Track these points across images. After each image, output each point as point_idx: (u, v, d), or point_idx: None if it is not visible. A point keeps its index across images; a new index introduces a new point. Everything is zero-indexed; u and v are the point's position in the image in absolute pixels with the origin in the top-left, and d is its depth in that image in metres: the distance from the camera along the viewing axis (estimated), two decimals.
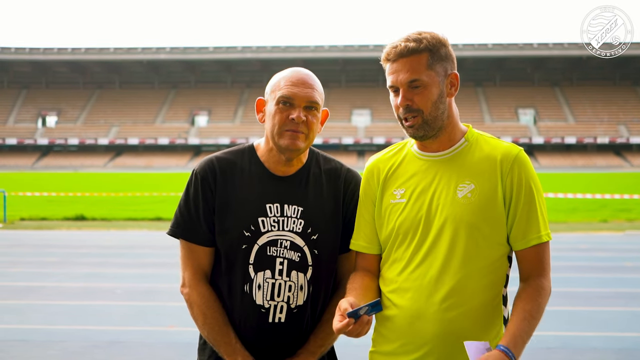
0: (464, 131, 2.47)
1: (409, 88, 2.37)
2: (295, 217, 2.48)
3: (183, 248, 2.52)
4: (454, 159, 2.42)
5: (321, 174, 2.57)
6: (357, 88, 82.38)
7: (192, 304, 2.47)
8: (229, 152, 2.57)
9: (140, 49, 79.38)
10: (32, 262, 12.64)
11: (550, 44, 75.57)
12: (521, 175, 2.37)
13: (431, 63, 2.37)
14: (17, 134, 79.41)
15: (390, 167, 2.50)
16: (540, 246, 2.38)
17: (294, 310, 2.46)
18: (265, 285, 2.44)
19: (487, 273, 2.37)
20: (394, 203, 2.44)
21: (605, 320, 7.94)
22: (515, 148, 2.42)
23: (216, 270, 2.51)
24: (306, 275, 2.48)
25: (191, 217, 2.49)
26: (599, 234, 17.78)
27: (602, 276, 10.92)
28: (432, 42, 2.37)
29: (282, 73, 2.53)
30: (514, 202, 2.37)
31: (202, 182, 2.49)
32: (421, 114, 2.37)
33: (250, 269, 2.44)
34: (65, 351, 6.72)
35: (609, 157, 72.81)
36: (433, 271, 2.35)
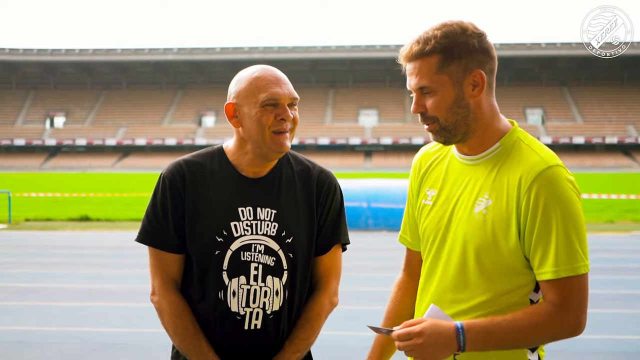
0: (502, 133, 2.18)
1: (420, 94, 2.15)
2: (268, 220, 2.41)
3: (152, 255, 2.44)
4: (482, 167, 2.17)
5: (294, 174, 2.49)
6: (364, 88, 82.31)
7: (162, 313, 2.40)
8: (198, 155, 2.48)
9: (148, 49, 79.56)
10: (34, 263, 12.62)
11: (558, 44, 75.38)
12: (539, 196, 2.03)
13: (442, 65, 2.10)
14: (26, 135, 79.69)
15: (431, 163, 2.33)
16: (560, 281, 2.03)
17: (270, 316, 2.40)
18: (240, 292, 2.36)
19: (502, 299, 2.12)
20: (424, 204, 2.30)
21: (608, 323, 7.86)
22: (543, 163, 2.07)
23: (187, 277, 2.42)
24: (281, 279, 2.41)
25: (160, 224, 2.40)
26: (605, 234, 17.66)
27: (606, 277, 10.82)
28: (443, 42, 2.09)
29: (252, 74, 2.41)
30: (529, 226, 2.06)
31: (170, 187, 2.40)
32: (437, 121, 2.14)
33: (224, 276, 2.36)
34: (62, 353, 6.69)
35: (618, 157, 72.57)
36: (445, 290, 2.20)
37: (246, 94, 2.38)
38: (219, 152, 2.49)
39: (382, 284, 9.93)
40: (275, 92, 2.36)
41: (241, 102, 2.40)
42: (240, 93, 2.40)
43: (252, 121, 2.37)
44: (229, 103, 2.43)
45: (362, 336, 7.06)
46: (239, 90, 2.41)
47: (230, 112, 2.43)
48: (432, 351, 2.03)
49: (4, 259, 13.24)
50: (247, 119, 2.38)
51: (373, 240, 16.24)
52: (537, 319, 2.04)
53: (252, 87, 2.38)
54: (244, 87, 2.40)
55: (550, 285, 2.04)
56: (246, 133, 2.39)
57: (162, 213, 2.41)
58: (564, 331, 2.06)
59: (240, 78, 2.43)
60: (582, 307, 2.06)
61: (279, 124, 2.36)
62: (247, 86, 2.39)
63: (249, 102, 2.37)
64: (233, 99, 2.42)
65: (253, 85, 2.38)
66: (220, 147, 2.52)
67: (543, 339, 2.06)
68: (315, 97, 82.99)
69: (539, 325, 2.03)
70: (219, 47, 79.19)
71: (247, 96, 2.38)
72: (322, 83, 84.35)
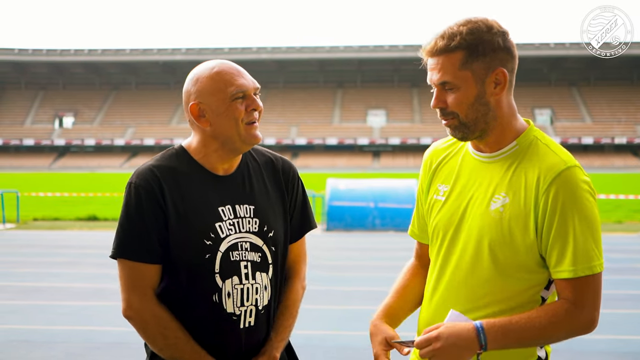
0: (518, 132, 2.19)
1: (441, 89, 2.15)
2: (249, 217, 2.40)
3: (127, 269, 2.33)
4: (500, 165, 2.18)
5: (259, 167, 2.50)
6: (373, 88, 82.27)
7: (146, 327, 2.32)
8: (163, 159, 2.40)
9: (156, 50, 79.74)
10: (41, 263, 12.67)
11: (567, 44, 75.16)
12: (557, 197, 2.06)
13: (466, 62, 2.10)
14: (35, 135, 79.97)
15: (442, 158, 2.34)
16: (576, 281, 2.07)
17: (262, 311, 2.41)
18: (235, 292, 2.35)
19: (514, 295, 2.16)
20: (435, 199, 2.31)
21: (612, 323, 7.82)
22: (562, 164, 2.09)
23: (172, 285, 2.35)
24: (268, 274, 2.42)
25: (139, 235, 2.31)
26: (613, 234, 17.61)
27: (613, 278, 10.77)
28: (469, 38, 2.09)
29: (211, 69, 2.35)
30: (547, 225, 2.08)
31: (147, 196, 2.31)
32: (457, 117, 2.15)
33: (217, 278, 2.33)
34: (66, 352, 6.71)
35: (627, 157, 72.32)
36: (457, 288, 2.22)
37: (211, 91, 2.33)
38: (183, 152, 2.42)
39: (388, 284, 9.92)
40: (242, 84, 2.34)
41: (206, 100, 2.34)
42: (204, 91, 2.34)
43: (223, 117, 2.33)
44: (193, 104, 2.36)
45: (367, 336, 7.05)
46: (201, 88, 2.35)
47: (196, 113, 2.36)
48: (453, 353, 2.06)
49: (11, 258, 13.30)
50: (216, 115, 2.34)
51: (380, 240, 16.24)
52: (555, 316, 2.07)
53: (216, 83, 2.33)
54: (207, 84, 2.34)
55: (567, 283, 2.08)
56: (217, 130, 2.34)
57: (141, 224, 2.31)
58: (579, 328, 2.10)
59: (198, 77, 2.37)
60: (596, 305, 2.11)
61: (250, 115, 2.35)
62: (210, 83, 2.34)
63: (217, 99, 2.33)
64: (195, 99, 2.36)
65: (217, 81, 2.33)
66: (180, 147, 2.44)
67: (559, 336, 2.10)
68: (323, 97, 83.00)
69: (556, 323, 2.07)
70: (228, 47, 79.35)
71: (213, 93, 2.33)
72: (330, 83, 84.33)
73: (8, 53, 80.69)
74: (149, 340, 2.34)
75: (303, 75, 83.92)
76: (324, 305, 8.72)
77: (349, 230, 18.43)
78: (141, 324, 2.33)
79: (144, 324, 2.32)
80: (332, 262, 12.82)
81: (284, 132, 77.79)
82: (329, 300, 9.07)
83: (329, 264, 12.45)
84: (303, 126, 78.65)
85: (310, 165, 71.02)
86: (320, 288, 10.08)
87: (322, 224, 19.62)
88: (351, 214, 18.59)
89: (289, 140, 76.33)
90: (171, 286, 2.35)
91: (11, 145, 79.21)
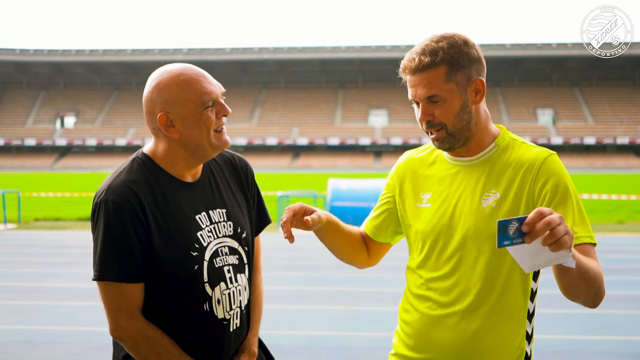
0: (495, 135, 2.37)
1: (428, 103, 2.27)
2: (223, 221, 2.40)
3: (114, 291, 2.25)
4: (482, 165, 2.33)
5: (221, 168, 2.50)
6: (374, 89, 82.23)
7: (138, 347, 2.27)
8: (133, 172, 2.31)
9: (158, 50, 79.70)
10: (42, 263, 12.67)
11: (569, 44, 75.06)
12: (550, 179, 2.22)
13: (449, 75, 2.24)
14: (36, 135, 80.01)
15: (419, 168, 2.46)
16: (586, 247, 2.17)
17: (244, 311, 2.46)
18: (224, 298, 2.36)
19: (511, 286, 2.27)
20: (420, 207, 2.40)
21: (614, 324, 7.82)
22: (544, 152, 2.28)
23: (160, 299, 2.31)
24: (245, 274, 2.46)
25: (124, 256, 2.23)
26: (614, 235, 17.59)
27: (614, 278, 10.75)
28: (450, 52, 2.24)
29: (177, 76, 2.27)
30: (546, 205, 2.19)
31: (129, 214, 2.22)
32: (445, 127, 2.28)
33: (206, 287, 2.32)
34: (67, 352, 6.71)
35: (629, 157, 72.23)
36: (454, 282, 2.31)
37: (180, 100, 2.26)
38: (149, 162, 2.34)
39: (388, 284, 9.92)
40: (212, 91, 2.29)
41: (175, 110, 2.27)
42: (172, 101, 2.27)
43: (194, 126, 2.27)
44: (161, 114, 2.27)
45: (367, 336, 7.05)
46: (168, 98, 2.27)
47: (164, 122, 2.28)
48: (569, 237, 1.85)
49: (12, 258, 13.30)
50: (186, 125, 2.27)
51: None
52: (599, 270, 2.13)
53: (185, 92, 2.26)
54: (174, 93, 2.26)
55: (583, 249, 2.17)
56: (187, 139, 2.29)
57: (125, 244, 2.23)
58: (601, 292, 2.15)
59: (163, 85, 2.28)
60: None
61: (219, 122, 2.33)
62: (178, 92, 2.26)
63: (188, 109, 2.26)
64: (162, 109, 2.27)
65: (186, 90, 2.26)
66: (145, 156, 2.36)
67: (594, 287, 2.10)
68: (325, 97, 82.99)
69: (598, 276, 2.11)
70: (229, 47, 79.29)
71: (183, 103, 2.26)
72: (332, 83, 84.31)
73: (9, 53, 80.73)
74: (142, 358, 2.29)
75: (305, 75, 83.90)
76: (326, 306, 8.72)
77: None
78: (132, 345, 2.28)
79: (135, 344, 2.28)
80: (333, 262, 12.81)
81: (285, 132, 77.78)
82: (331, 301, 9.07)
83: (330, 264, 12.45)
84: (305, 126, 78.63)
85: (312, 165, 71.00)
86: (322, 289, 10.08)
87: None
88: (353, 214, 18.55)
89: (290, 140, 76.31)
90: (161, 301, 2.31)
91: (12, 145, 79.24)
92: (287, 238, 2.28)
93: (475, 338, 2.27)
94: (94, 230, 2.30)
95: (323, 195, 21.18)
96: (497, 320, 2.26)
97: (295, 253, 13.75)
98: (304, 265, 12.34)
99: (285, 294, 9.49)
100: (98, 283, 2.29)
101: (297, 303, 8.96)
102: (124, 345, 2.31)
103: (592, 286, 2.09)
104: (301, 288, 10.06)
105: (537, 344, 6.85)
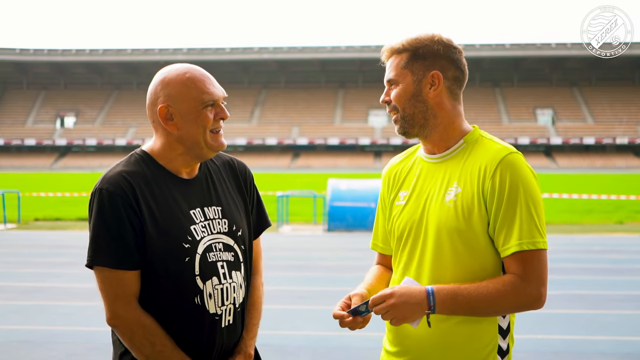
0: (464, 132, 2.44)
1: (389, 86, 2.47)
2: (218, 218, 2.44)
3: (108, 278, 2.30)
4: (450, 162, 2.42)
5: (219, 169, 2.55)
6: (374, 89, 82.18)
7: (133, 336, 2.30)
8: (130, 164, 2.39)
9: (158, 50, 79.70)
10: (42, 263, 12.69)
11: (569, 44, 75.07)
12: (504, 178, 2.27)
13: (407, 63, 2.41)
14: (36, 135, 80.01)
15: (400, 170, 2.56)
16: (522, 255, 2.25)
17: (238, 309, 2.46)
18: (216, 293, 2.38)
19: (476, 279, 2.31)
20: (397, 205, 2.50)
21: (613, 324, 7.82)
22: (505, 150, 2.33)
23: (153, 290, 2.34)
24: (241, 272, 2.47)
25: (118, 243, 2.28)
26: (614, 235, 17.60)
27: (614, 278, 10.78)
28: (413, 43, 2.42)
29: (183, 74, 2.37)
30: (495, 206, 2.28)
31: (122, 202, 2.28)
32: (398, 110, 2.44)
33: (197, 280, 2.35)
34: (67, 352, 6.71)
35: (628, 157, 72.24)
36: (423, 277, 2.37)
37: (182, 96, 2.34)
38: (147, 157, 2.42)
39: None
40: (214, 92, 2.38)
41: (176, 104, 2.35)
42: (174, 95, 2.35)
43: (192, 123, 2.35)
44: (162, 106, 2.36)
45: (367, 337, 7.05)
46: (171, 92, 2.36)
47: (164, 115, 2.36)
48: (404, 310, 2.22)
49: (12, 258, 13.31)
50: (185, 121, 2.35)
51: None
52: (502, 287, 2.24)
53: (188, 89, 2.35)
54: (178, 88, 2.35)
55: (514, 258, 2.26)
56: (183, 135, 2.36)
57: (118, 230, 2.28)
58: (526, 302, 2.26)
59: (168, 80, 2.37)
60: (542, 280, 2.27)
61: (216, 123, 2.39)
62: (181, 88, 2.35)
63: (188, 105, 2.34)
64: (164, 102, 2.36)
65: (189, 87, 2.35)
66: (143, 152, 2.44)
67: (506, 307, 2.27)
68: (325, 97, 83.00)
69: (504, 293, 2.24)
70: (229, 47, 79.26)
71: (184, 98, 2.34)
72: (332, 83, 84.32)
73: (9, 53, 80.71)
74: (135, 348, 2.32)
75: (305, 75, 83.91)
76: (325, 306, 8.72)
77: (350, 230, 18.44)
78: (127, 333, 2.31)
79: (130, 333, 2.30)
80: (333, 262, 12.83)
81: (285, 132, 77.80)
82: (331, 301, 9.07)
83: (330, 265, 12.46)
84: (304, 126, 78.64)
85: (312, 165, 71.03)
86: (322, 288, 10.09)
87: (323, 224, 19.62)
88: (352, 214, 18.59)
89: (290, 140, 76.33)
90: (152, 292, 2.34)
91: (12, 145, 79.25)
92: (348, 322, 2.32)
93: (443, 332, 2.33)
94: (89, 219, 2.34)
95: (323, 196, 21.18)
96: (465, 316, 2.30)
97: (295, 253, 13.76)
98: (304, 266, 12.34)
99: (285, 294, 9.49)
100: (95, 271, 2.32)
101: (298, 303, 8.97)
102: (119, 333, 2.33)
103: (496, 309, 2.27)
104: (301, 288, 10.07)
105: (537, 344, 6.88)
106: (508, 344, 2.40)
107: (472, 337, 2.30)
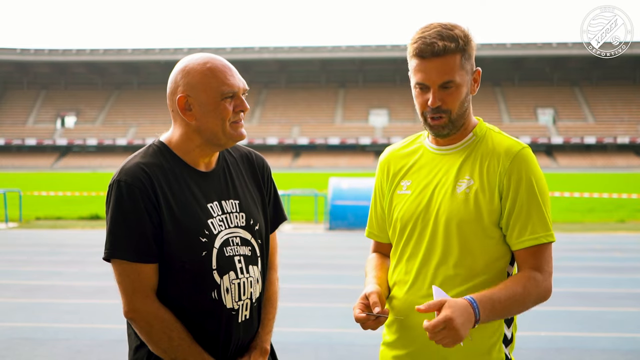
0: (473, 125, 2.44)
1: (440, 88, 2.31)
2: (236, 212, 2.41)
3: (126, 271, 2.27)
4: (460, 154, 2.40)
5: (237, 161, 2.51)
6: (375, 88, 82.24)
7: (151, 329, 2.27)
8: (146, 155, 2.34)
9: (158, 49, 79.71)
10: (44, 261, 12.70)
11: (570, 44, 75.03)
12: (521, 172, 2.30)
13: (462, 63, 2.32)
14: (37, 135, 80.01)
15: (400, 159, 2.53)
16: (537, 248, 2.29)
17: (255, 304, 2.44)
18: (233, 287, 2.35)
19: (485, 271, 2.33)
20: (399, 194, 2.47)
21: (616, 321, 7.84)
22: (518, 145, 2.36)
23: (170, 284, 2.31)
24: (258, 266, 2.44)
25: (136, 235, 2.24)
26: (615, 234, 17.61)
27: (615, 277, 10.78)
28: (465, 41, 2.32)
29: (204, 64, 2.31)
30: (510, 200, 2.30)
31: (140, 194, 2.24)
32: (448, 114, 2.33)
33: (215, 275, 2.31)
34: (70, 350, 6.73)
35: (630, 157, 72.21)
36: (430, 266, 2.36)
37: (202, 87, 2.29)
38: (164, 148, 2.37)
39: None
40: (234, 84, 2.31)
41: (196, 94, 2.30)
42: (194, 85, 2.30)
43: (211, 114, 2.30)
44: (181, 96, 2.31)
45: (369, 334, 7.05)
46: (191, 82, 2.31)
47: (182, 105, 2.31)
48: (464, 330, 2.12)
49: (15, 257, 13.33)
50: (203, 112, 2.30)
51: None
52: (527, 284, 2.25)
53: (207, 78, 2.29)
54: (197, 78, 2.30)
55: (529, 251, 2.29)
56: (202, 126, 2.32)
57: (137, 223, 2.24)
58: (544, 295, 2.30)
59: (189, 69, 2.32)
60: (551, 273, 2.33)
61: (237, 115, 2.34)
62: (201, 78, 2.30)
63: (207, 95, 2.29)
64: (183, 92, 2.31)
65: (209, 77, 2.29)
66: (161, 143, 2.39)
67: (531, 303, 2.28)
68: (326, 96, 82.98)
69: (529, 290, 2.25)
70: (230, 47, 79.27)
71: (204, 89, 2.29)
72: (333, 83, 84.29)
73: (10, 53, 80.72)
74: (152, 342, 2.29)
75: (305, 74, 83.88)
76: (327, 304, 8.73)
77: (352, 229, 18.43)
78: (145, 326, 2.28)
79: (148, 326, 2.28)
80: (335, 260, 12.84)
81: (286, 131, 77.78)
82: (333, 299, 9.08)
83: (332, 263, 12.48)
84: (305, 126, 78.64)
85: (313, 164, 71.01)
86: (324, 286, 10.10)
87: (324, 223, 19.62)
88: (354, 213, 18.58)
89: (291, 139, 76.32)
90: (169, 286, 2.31)
91: (13, 145, 79.26)
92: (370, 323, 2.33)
93: None
94: (107, 211, 2.31)
95: (324, 195, 21.18)
96: None
97: (297, 252, 13.77)
98: (305, 264, 12.35)
99: (287, 292, 9.49)
100: (113, 263, 2.28)
101: (300, 301, 8.98)
102: (136, 327, 2.30)
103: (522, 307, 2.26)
104: (303, 286, 10.08)
105: (539, 341, 6.89)
106: (512, 332, 2.42)
107: (479, 327, 2.28)
